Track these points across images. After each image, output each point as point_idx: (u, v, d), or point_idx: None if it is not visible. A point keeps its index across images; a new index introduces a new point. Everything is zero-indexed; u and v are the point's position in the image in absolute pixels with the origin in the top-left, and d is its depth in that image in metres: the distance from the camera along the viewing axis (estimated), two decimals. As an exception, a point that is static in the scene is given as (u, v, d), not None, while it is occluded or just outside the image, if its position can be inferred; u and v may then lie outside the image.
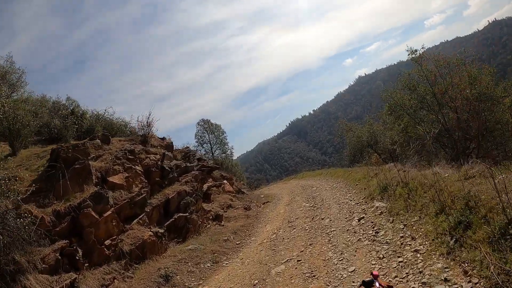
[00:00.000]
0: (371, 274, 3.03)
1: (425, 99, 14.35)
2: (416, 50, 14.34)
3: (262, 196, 17.63)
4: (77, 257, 6.24)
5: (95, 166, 7.86)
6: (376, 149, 21.39)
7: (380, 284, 2.87)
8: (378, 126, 21.56)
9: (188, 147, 19.36)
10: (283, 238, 7.27)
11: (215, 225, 11.81)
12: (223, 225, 11.84)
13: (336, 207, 8.43)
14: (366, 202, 7.70)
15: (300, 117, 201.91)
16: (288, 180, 26.55)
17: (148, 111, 11.18)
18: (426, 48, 14.79)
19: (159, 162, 10.42)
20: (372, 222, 6.44)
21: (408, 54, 14.42)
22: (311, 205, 10.06)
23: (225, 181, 17.88)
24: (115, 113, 17.03)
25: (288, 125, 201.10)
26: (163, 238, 8.11)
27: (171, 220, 9.00)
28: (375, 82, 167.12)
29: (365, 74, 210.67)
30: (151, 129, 11.02)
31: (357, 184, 10.12)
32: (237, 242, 8.39)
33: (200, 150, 33.43)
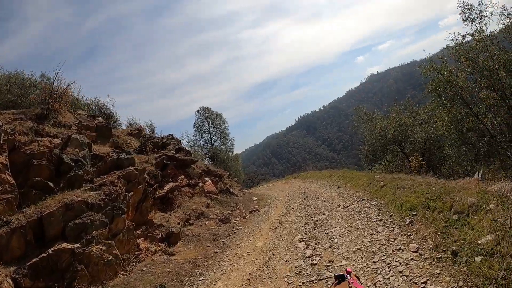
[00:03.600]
0: (345, 270, 3.00)
1: (491, 75, 10.14)
2: (471, 6, 10.35)
3: (254, 199, 14.14)
4: None
5: None
6: (403, 148, 16.81)
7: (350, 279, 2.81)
8: (406, 118, 17.13)
9: (171, 135, 15.89)
10: None
11: (157, 252, 7.81)
12: (170, 254, 7.88)
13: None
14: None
15: (310, 112, 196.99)
16: (290, 179, 22.13)
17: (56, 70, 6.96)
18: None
19: (57, 150, 6.32)
20: None
21: (460, 13, 10.56)
22: (309, 251, 5.64)
23: (207, 179, 14.08)
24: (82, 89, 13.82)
25: (297, 119, 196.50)
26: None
27: (41, 256, 4.94)
28: (387, 81, 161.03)
29: (377, 72, 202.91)
30: (56, 99, 6.81)
31: (411, 222, 4.95)
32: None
33: (199, 140, 30.48)
